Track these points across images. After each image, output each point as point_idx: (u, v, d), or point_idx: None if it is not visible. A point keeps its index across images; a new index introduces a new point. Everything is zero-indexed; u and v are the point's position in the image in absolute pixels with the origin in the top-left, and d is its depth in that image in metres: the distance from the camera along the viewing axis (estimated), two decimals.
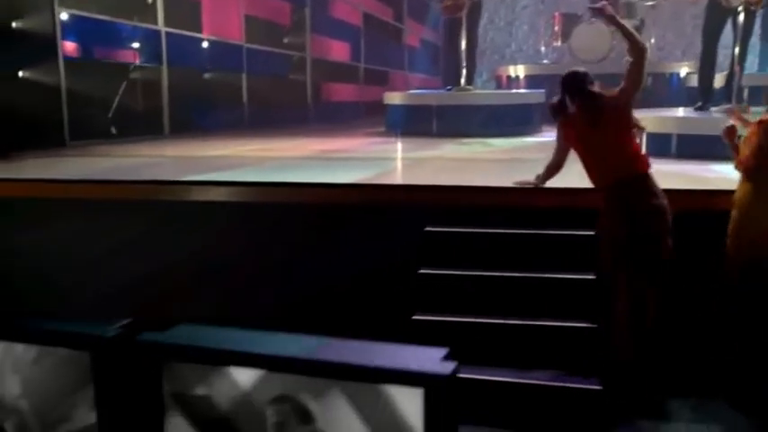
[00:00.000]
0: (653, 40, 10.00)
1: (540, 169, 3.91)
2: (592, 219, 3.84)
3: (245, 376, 1.20)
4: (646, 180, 3.38)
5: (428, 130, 7.85)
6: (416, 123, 8.00)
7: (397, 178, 5.39)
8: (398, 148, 7.23)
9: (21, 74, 6.62)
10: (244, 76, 9.28)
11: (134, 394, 1.28)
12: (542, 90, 7.95)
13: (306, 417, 1.17)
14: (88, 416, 1.30)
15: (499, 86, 10.68)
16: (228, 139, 7.75)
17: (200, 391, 1.23)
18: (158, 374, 1.24)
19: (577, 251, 3.83)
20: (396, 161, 6.47)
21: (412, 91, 9.66)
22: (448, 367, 1.09)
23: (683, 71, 9.98)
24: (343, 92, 11.56)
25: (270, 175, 5.14)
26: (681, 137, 5.64)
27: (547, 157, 3.90)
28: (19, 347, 1.33)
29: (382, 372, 1.12)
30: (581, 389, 3.33)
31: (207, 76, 8.91)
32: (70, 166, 6.01)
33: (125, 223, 4.45)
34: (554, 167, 3.83)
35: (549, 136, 7.67)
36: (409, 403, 1.10)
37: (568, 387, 3.35)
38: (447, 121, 7.80)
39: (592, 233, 3.84)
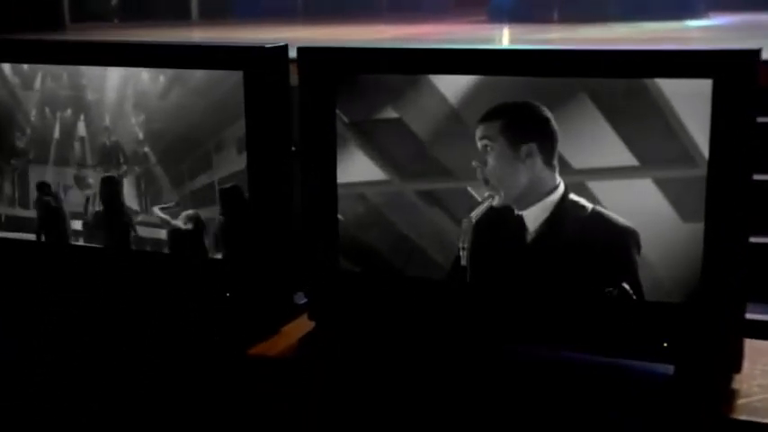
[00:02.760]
0: None
1: None
2: None
3: (450, 87, 1.25)
4: None
5: (547, 14, 7.77)
6: (531, 6, 7.93)
7: None
8: (512, 32, 7.17)
9: None
10: None
11: (297, 128, 1.35)
12: None
13: (536, 129, 1.21)
14: (235, 160, 1.38)
15: None
16: (279, 25, 7.84)
17: (386, 113, 1.29)
18: (331, 97, 1.31)
19: None
20: (518, 43, 6.42)
21: None
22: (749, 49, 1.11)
23: None
24: None
25: None
26: None
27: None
28: (143, 75, 1.41)
29: (654, 60, 1.15)
30: None
31: None
32: None
33: None
34: None
35: (718, 20, 7.54)
36: (689, 105, 1.12)
37: None
38: (575, 2, 7.69)
39: None
